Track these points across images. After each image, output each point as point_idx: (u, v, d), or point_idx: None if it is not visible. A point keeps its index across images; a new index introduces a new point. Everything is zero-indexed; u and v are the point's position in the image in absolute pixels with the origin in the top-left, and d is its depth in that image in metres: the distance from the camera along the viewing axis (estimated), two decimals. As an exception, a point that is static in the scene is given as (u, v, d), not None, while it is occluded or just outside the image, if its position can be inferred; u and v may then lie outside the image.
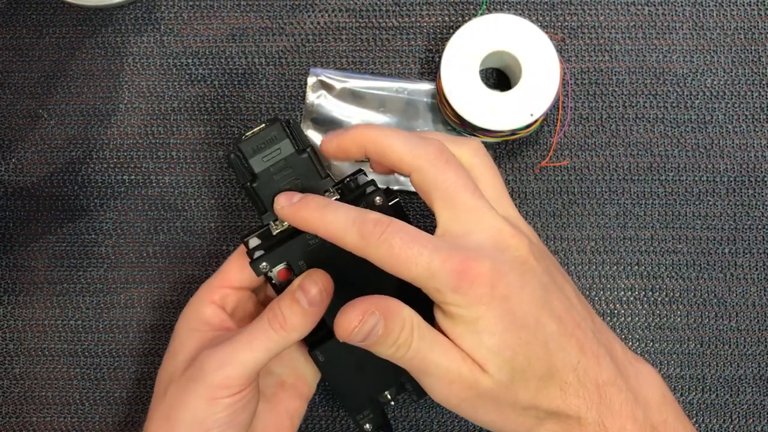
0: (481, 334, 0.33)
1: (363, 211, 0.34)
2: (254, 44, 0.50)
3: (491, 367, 0.33)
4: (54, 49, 0.50)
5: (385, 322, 0.33)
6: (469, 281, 0.33)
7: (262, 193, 0.39)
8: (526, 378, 0.33)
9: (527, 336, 0.33)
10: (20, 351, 0.49)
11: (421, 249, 0.33)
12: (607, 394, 0.34)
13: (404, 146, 0.36)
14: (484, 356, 0.33)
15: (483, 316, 0.33)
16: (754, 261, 0.49)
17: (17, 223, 0.50)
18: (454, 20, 0.50)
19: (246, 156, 0.38)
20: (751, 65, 0.49)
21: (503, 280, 0.33)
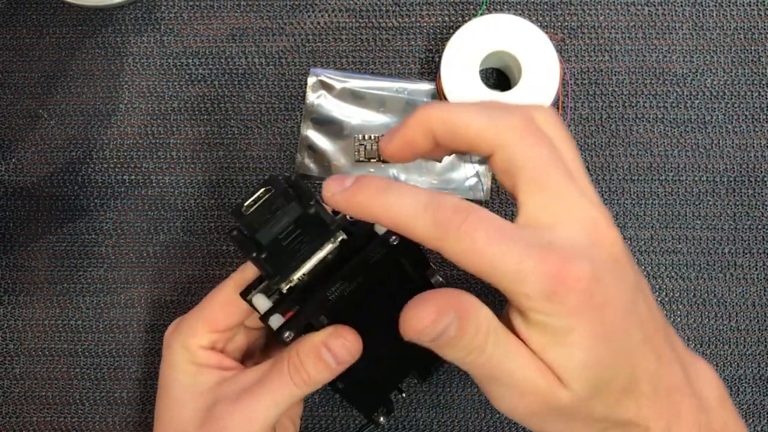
0: (571, 348, 0.29)
1: (436, 194, 0.29)
2: (254, 44, 0.50)
3: (576, 383, 0.29)
4: (54, 49, 0.50)
5: (459, 322, 0.29)
6: (567, 288, 0.28)
7: (271, 262, 0.34)
8: (607, 392, 0.30)
9: (616, 348, 0.30)
10: (20, 351, 0.49)
11: (510, 246, 0.28)
12: (676, 400, 0.32)
13: (484, 120, 0.30)
14: (570, 372, 0.29)
15: (576, 328, 0.29)
16: (754, 261, 0.49)
17: (17, 223, 0.50)
18: (454, 20, 0.50)
19: (252, 232, 0.33)
20: (751, 65, 0.49)
21: (601, 286, 0.29)
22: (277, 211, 0.33)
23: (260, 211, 0.33)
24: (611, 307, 0.29)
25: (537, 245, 0.28)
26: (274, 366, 0.36)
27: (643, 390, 0.31)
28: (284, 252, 0.34)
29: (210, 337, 0.39)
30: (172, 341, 0.39)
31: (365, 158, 0.48)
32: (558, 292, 0.28)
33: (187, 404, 0.37)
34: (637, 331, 0.30)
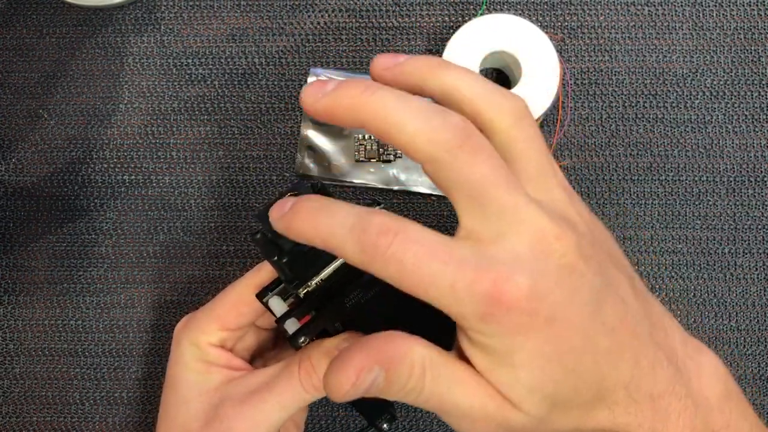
0: (517, 369, 0.27)
1: (364, 215, 0.27)
2: (254, 44, 0.50)
3: (528, 405, 0.28)
4: (54, 49, 0.50)
5: (387, 373, 0.28)
6: (504, 309, 0.26)
7: (291, 266, 0.34)
8: (568, 408, 0.29)
9: (574, 362, 0.28)
10: (20, 351, 0.49)
11: (441, 266, 0.26)
12: (663, 405, 0.30)
13: (418, 126, 0.27)
14: (519, 395, 0.28)
15: (520, 348, 0.27)
16: (754, 261, 0.49)
17: (17, 223, 0.50)
18: (454, 20, 0.50)
19: (275, 236, 0.33)
20: (751, 65, 0.49)
21: (546, 301, 0.27)
22: None
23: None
24: (562, 320, 0.27)
25: (472, 263, 0.26)
26: (285, 369, 0.36)
27: (617, 398, 0.29)
28: (304, 257, 0.33)
29: (220, 335, 0.38)
30: (182, 337, 0.39)
31: (365, 158, 0.48)
32: (494, 312, 0.26)
33: (193, 402, 0.37)
34: (604, 339, 0.29)
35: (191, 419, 0.37)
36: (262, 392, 0.36)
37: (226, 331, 0.39)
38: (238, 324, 0.39)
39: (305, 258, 0.34)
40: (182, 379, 0.38)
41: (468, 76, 0.29)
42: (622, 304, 0.30)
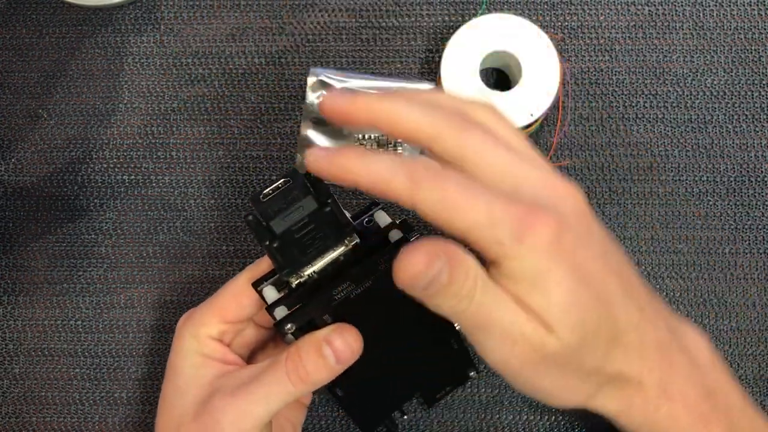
0: (550, 290, 0.29)
1: (409, 156, 0.32)
2: (254, 44, 0.50)
3: (561, 328, 0.29)
4: (54, 49, 0.50)
5: (450, 268, 0.29)
6: (536, 230, 0.29)
7: (282, 252, 0.35)
8: (596, 340, 0.30)
9: (595, 293, 0.30)
10: (20, 351, 0.49)
11: (479, 194, 0.29)
12: (667, 354, 0.32)
13: (421, 115, 0.31)
14: (553, 315, 0.29)
15: (552, 270, 0.29)
16: (754, 261, 0.49)
17: (17, 223, 0.50)
18: (454, 20, 0.50)
19: (266, 218, 0.34)
20: (751, 65, 0.49)
21: (569, 232, 0.30)
22: (294, 202, 0.33)
23: (277, 201, 0.34)
24: (582, 254, 0.30)
25: (504, 195, 0.29)
26: (273, 363, 0.36)
27: (630, 340, 0.31)
28: (297, 245, 0.34)
29: (219, 327, 0.39)
30: (184, 330, 0.39)
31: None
32: (528, 233, 0.29)
33: (188, 394, 0.38)
34: (614, 280, 0.31)
35: (185, 411, 0.37)
36: (250, 385, 0.36)
37: (225, 324, 0.39)
38: (237, 316, 0.39)
39: (296, 246, 0.34)
40: (180, 371, 0.39)
41: (441, 95, 0.33)
42: (622, 258, 0.33)
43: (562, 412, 0.48)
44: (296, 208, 0.34)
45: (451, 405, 0.48)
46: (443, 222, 0.29)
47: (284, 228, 0.33)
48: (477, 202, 0.29)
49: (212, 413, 0.36)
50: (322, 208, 0.34)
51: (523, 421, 0.48)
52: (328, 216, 0.34)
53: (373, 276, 0.35)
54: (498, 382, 0.48)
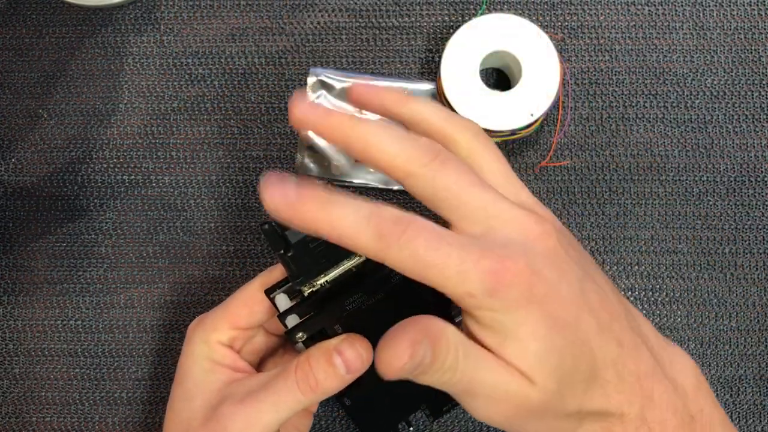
0: (525, 341, 0.30)
1: (376, 205, 0.29)
2: (254, 44, 0.50)
3: (539, 376, 0.30)
4: (54, 49, 0.50)
5: (432, 348, 0.29)
6: (507, 283, 0.29)
7: (296, 262, 0.35)
8: (573, 382, 0.31)
9: (570, 336, 0.30)
10: (20, 351, 0.49)
11: (450, 250, 0.29)
12: (648, 385, 0.32)
13: (395, 150, 0.30)
14: (531, 366, 0.30)
15: (524, 320, 0.30)
16: (754, 261, 0.49)
17: (17, 223, 0.50)
18: (454, 20, 0.50)
19: (282, 228, 0.35)
20: (751, 65, 0.49)
21: (540, 278, 0.30)
22: None
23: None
24: (554, 297, 0.30)
25: (475, 246, 0.29)
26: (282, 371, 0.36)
27: (608, 377, 0.32)
28: (311, 255, 0.35)
29: (230, 333, 0.39)
30: (194, 335, 0.39)
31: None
32: (499, 287, 0.29)
33: (197, 399, 0.38)
34: (590, 319, 0.31)
35: (193, 416, 0.37)
36: (259, 393, 0.36)
37: (236, 330, 0.39)
38: (248, 323, 0.39)
39: (310, 256, 0.35)
40: (189, 376, 0.39)
41: (430, 106, 0.34)
42: (602, 291, 0.33)
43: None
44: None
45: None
46: (416, 276, 0.29)
47: (299, 237, 0.34)
48: (447, 260, 0.29)
49: (220, 420, 0.36)
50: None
51: (523, 421, 0.48)
52: None
53: (385, 288, 0.36)
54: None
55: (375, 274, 0.35)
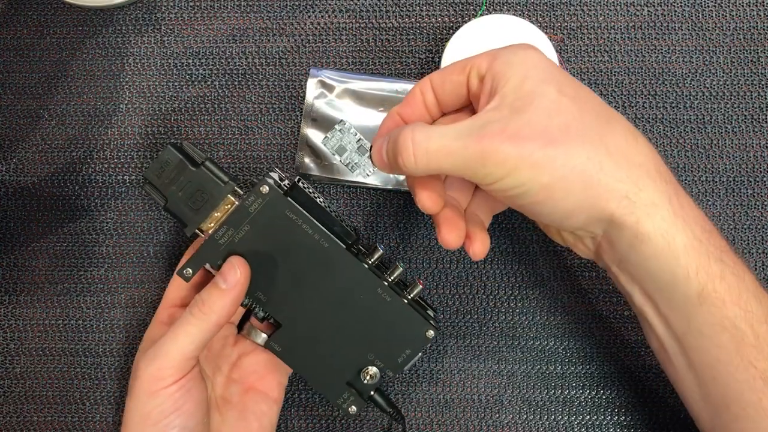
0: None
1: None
2: (254, 44, 0.50)
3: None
4: (55, 50, 0.50)
5: (394, 143, 0.36)
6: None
7: (176, 210, 0.42)
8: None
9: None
10: (21, 350, 0.49)
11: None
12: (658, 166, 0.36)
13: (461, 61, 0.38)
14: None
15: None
16: (753, 261, 0.49)
17: (18, 223, 0.50)
18: (454, 20, 0.50)
19: (152, 182, 0.42)
20: (751, 65, 0.50)
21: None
22: (182, 172, 0.42)
23: (155, 167, 0.42)
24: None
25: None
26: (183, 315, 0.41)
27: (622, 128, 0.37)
28: (190, 208, 0.42)
29: (167, 311, 0.45)
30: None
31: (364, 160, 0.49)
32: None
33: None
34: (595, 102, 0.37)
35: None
36: (163, 338, 0.40)
37: (173, 307, 0.45)
38: (182, 298, 0.45)
39: (190, 209, 0.42)
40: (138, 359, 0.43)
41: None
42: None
43: (562, 412, 0.48)
44: (173, 171, 0.42)
45: (451, 405, 0.48)
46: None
47: (170, 189, 0.42)
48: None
49: (135, 365, 0.41)
50: (197, 167, 0.42)
51: (523, 421, 0.48)
52: (205, 174, 0.41)
53: (248, 220, 0.41)
54: (498, 381, 0.48)
55: (236, 208, 0.41)
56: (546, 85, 0.35)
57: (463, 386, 0.48)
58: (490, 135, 0.34)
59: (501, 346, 0.49)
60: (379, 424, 0.48)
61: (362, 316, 0.42)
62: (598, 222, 0.35)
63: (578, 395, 0.48)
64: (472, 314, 0.49)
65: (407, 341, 0.42)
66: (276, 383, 0.45)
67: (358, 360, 0.42)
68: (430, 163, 0.35)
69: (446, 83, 0.38)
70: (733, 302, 0.35)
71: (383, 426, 0.48)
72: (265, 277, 0.42)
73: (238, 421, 0.43)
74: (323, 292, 0.42)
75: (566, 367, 0.48)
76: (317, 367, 0.43)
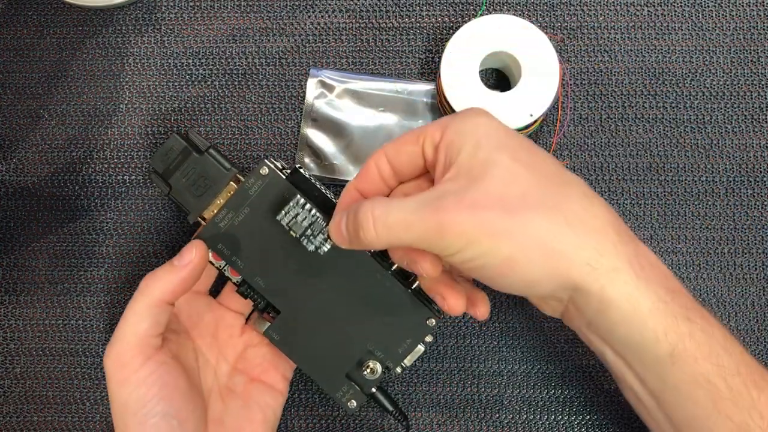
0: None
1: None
2: (254, 44, 0.50)
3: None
4: (55, 50, 0.50)
5: (354, 218, 0.36)
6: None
7: (179, 197, 0.42)
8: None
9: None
10: (21, 350, 0.49)
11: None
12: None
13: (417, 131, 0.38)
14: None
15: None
16: (753, 261, 0.49)
17: (18, 223, 0.50)
18: (454, 20, 0.50)
19: (156, 170, 0.43)
20: (751, 65, 0.50)
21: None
22: (184, 160, 0.42)
23: (161, 155, 0.43)
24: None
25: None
26: None
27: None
28: (193, 194, 0.42)
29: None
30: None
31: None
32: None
33: None
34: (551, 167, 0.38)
35: None
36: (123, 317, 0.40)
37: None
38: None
39: (193, 196, 0.42)
40: None
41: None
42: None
43: (562, 412, 0.48)
44: (178, 158, 0.42)
45: (451, 405, 0.48)
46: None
47: (175, 176, 0.42)
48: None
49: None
50: (201, 155, 0.42)
51: (523, 421, 0.48)
52: (209, 161, 0.42)
53: (248, 203, 0.41)
54: (498, 381, 0.48)
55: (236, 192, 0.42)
56: (499, 153, 0.35)
57: (463, 386, 0.48)
58: (446, 206, 0.34)
59: (501, 346, 0.49)
60: (379, 425, 0.48)
61: (363, 304, 0.42)
62: (564, 289, 0.35)
63: (578, 395, 0.48)
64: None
65: (408, 330, 0.42)
66: (280, 376, 0.45)
67: (358, 351, 0.42)
68: (390, 237, 0.35)
69: (401, 154, 0.38)
70: (704, 358, 0.35)
71: (383, 427, 0.48)
72: (263, 262, 0.42)
73: (242, 410, 0.43)
74: (323, 278, 0.42)
75: (566, 367, 0.48)
76: (316, 358, 0.42)
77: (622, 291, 0.34)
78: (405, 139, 0.38)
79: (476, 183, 0.34)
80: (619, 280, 0.34)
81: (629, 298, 0.35)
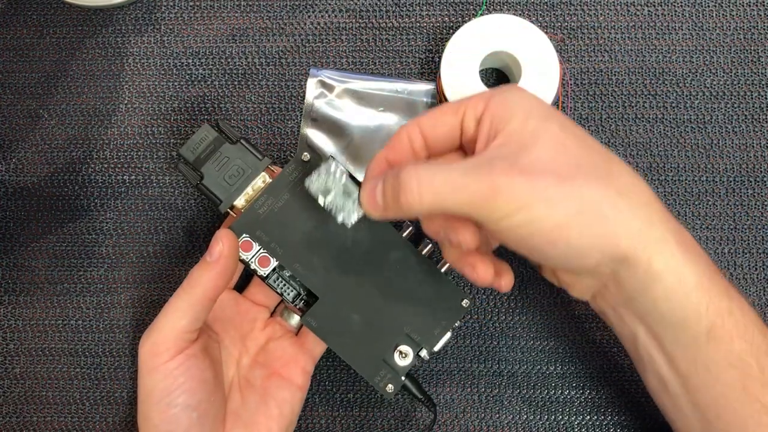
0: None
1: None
2: (254, 44, 0.50)
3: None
4: (54, 50, 0.50)
5: (395, 179, 0.35)
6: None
7: (211, 186, 0.43)
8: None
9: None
10: (21, 351, 0.49)
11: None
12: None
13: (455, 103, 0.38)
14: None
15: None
16: (753, 261, 0.49)
17: (17, 223, 0.50)
18: (454, 20, 0.50)
19: (188, 159, 0.43)
20: (751, 65, 0.50)
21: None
22: (216, 149, 0.43)
23: (192, 145, 0.43)
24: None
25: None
26: None
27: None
28: (222, 180, 0.43)
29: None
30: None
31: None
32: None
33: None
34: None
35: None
36: (159, 316, 0.41)
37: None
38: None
39: (225, 184, 0.42)
40: None
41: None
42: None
43: (562, 412, 0.48)
44: (210, 147, 0.43)
45: (451, 405, 0.48)
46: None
47: (207, 165, 0.43)
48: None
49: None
50: (234, 144, 0.43)
51: (523, 421, 0.48)
52: (242, 150, 0.43)
53: (288, 189, 0.42)
54: (498, 381, 0.48)
55: (277, 177, 0.42)
56: (549, 123, 0.35)
57: (463, 386, 0.48)
58: (499, 170, 0.33)
59: (501, 346, 0.49)
60: (380, 425, 0.48)
61: (398, 287, 0.42)
62: (610, 261, 0.35)
63: (578, 395, 0.48)
64: (472, 314, 0.49)
65: (443, 312, 0.42)
66: (300, 370, 0.45)
67: (394, 335, 0.42)
68: (435, 201, 0.34)
69: (438, 125, 0.38)
70: (740, 336, 0.35)
71: (383, 427, 0.48)
72: (302, 248, 0.42)
73: (259, 405, 0.43)
74: (361, 262, 0.42)
75: (566, 367, 0.48)
76: (353, 343, 0.42)
77: (669, 263, 0.34)
78: (443, 110, 0.38)
79: (528, 150, 0.34)
80: (667, 252, 0.34)
81: (675, 271, 0.34)
